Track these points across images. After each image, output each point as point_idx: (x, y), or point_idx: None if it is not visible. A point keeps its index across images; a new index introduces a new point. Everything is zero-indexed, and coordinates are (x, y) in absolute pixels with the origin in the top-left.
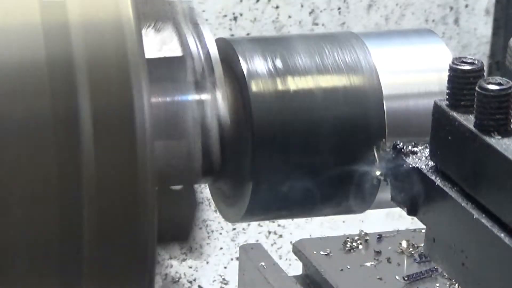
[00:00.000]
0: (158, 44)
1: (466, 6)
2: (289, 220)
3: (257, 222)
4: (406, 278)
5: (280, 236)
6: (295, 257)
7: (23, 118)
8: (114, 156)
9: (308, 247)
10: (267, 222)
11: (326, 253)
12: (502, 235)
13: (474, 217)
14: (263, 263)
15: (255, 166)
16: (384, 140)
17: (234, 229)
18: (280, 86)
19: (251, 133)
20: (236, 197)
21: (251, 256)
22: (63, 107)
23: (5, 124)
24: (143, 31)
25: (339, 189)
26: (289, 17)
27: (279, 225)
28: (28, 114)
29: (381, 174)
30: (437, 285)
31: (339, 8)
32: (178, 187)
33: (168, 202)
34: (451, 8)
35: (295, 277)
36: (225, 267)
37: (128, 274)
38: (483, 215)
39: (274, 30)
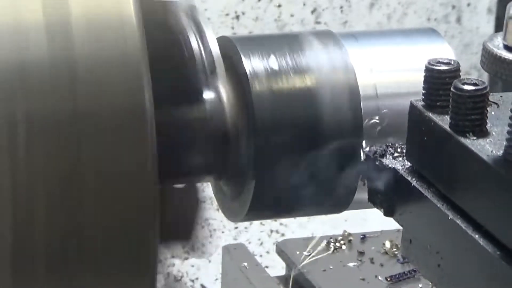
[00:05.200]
0: (161, 42)
1: (468, 4)
2: (292, 219)
3: (259, 221)
4: (389, 279)
5: (282, 234)
6: None
7: (25, 119)
8: (117, 154)
9: (291, 248)
10: (269, 220)
11: (309, 254)
12: (477, 236)
13: (450, 218)
14: (245, 264)
15: (257, 165)
16: (361, 140)
17: (236, 228)
18: (282, 85)
19: (253, 131)
20: (238, 195)
21: (233, 257)
22: (65, 107)
23: (6, 124)
24: (145, 30)
25: (324, 189)
26: (291, 15)
27: (281, 224)
28: (30, 114)
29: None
30: (420, 285)
31: (341, 7)
32: (181, 186)
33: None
34: (453, 7)
35: (278, 277)
36: None
37: (131, 274)
38: (458, 216)
39: (276, 28)
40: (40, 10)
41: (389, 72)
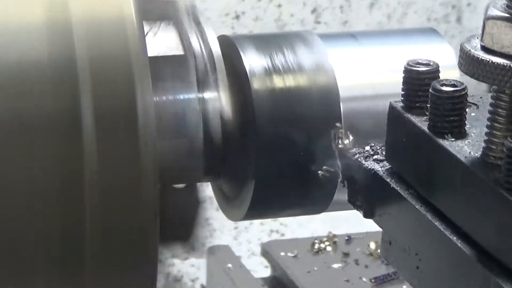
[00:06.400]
0: (161, 42)
1: (469, 4)
2: (292, 219)
3: (259, 221)
4: (373, 280)
5: (283, 234)
6: None
7: (25, 119)
8: (117, 155)
9: (276, 249)
10: (269, 220)
11: (293, 255)
12: (455, 238)
13: (428, 219)
14: (230, 265)
15: (257, 164)
16: (341, 141)
17: (236, 228)
18: (282, 84)
19: (253, 131)
20: (238, 195)
21: (218, 258)
22: (65, 107)
23: (7, 124)
24: (146, 30)
25: (309, 190)
26: (292, 15)
27: (281, 224)
28: (30, 114)
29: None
30: (404, 287)
31: (341, 7)
32: (180, 186)
33: (171, 200)
34: (454, 7)
35: (263, 278)
36: None
37: (131, 274)
38: (437, 218)
39: (276, 28)
40: (40, 10)
41: (389, 72)
